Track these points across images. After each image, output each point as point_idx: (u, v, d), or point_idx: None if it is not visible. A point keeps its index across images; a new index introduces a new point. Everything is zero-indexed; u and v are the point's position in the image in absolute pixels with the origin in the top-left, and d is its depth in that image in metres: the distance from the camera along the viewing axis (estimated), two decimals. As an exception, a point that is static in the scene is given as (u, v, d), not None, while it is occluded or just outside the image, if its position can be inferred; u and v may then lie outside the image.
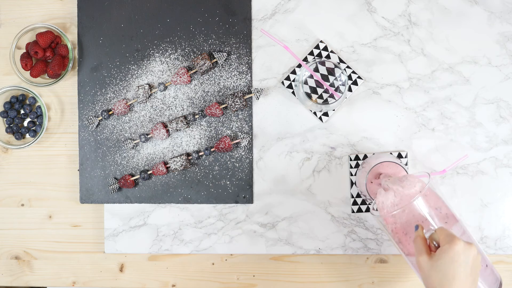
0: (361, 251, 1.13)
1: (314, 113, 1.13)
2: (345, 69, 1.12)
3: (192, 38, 1.15)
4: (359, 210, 1.12)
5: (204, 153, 1.13)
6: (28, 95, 1.18)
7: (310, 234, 1.13)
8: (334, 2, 1.14)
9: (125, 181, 1.13)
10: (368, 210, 1.12)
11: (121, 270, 1.17)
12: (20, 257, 1.18)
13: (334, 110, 1.13)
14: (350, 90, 1.13)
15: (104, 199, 1.15)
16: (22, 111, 1.18)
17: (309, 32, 1.14)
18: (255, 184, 1.14)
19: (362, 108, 1.13)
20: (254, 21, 1.15)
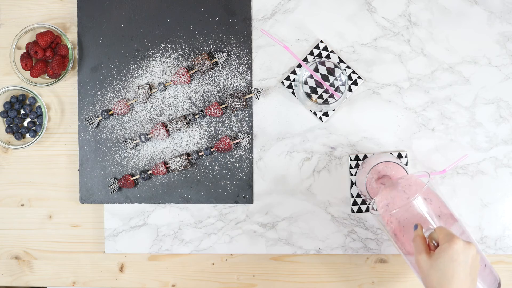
0: (361, 251, 1.13)
1: (314, 113, 1.13)
2: (345, 69, 1.12)
3: (192, 38, 1.15)
4: (359, 210, 1.12)
5: (204, 153, 1.13)
6: (28, 95, 1.18)
7: (310, 234, 1.13)
8: (334, 2, 1.14)
9: (125, 181, 1.13)
10: (368, 210, 1.12)
11: (121, 270, 1.17)
12: (20, 257, 1.18)
13: (334, 110, 1.13)
14: (350, 90, 1.13)
15: (104, 199, 1.15)
16: (22, 111, 1.18)
17: (309, 32, 1.14)
18: (255, 184, 1.14)
19: (362, 108, 1.13)
20: (254, 21, 1.15)
